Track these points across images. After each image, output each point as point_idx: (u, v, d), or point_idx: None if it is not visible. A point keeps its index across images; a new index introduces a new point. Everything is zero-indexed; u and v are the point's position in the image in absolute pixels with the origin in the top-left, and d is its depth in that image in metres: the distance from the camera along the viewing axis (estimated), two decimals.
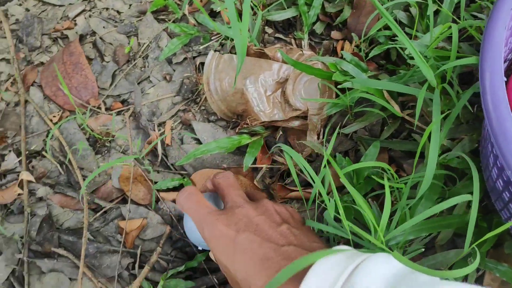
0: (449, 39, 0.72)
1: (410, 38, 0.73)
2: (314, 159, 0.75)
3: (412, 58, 0.69)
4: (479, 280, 0.59)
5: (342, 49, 0.82)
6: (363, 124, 0.72)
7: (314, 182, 0.57)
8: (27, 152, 0.85)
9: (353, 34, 0.81)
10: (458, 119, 0.66)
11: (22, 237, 0.76)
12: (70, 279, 0.73)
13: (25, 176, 0.81)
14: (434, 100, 0.51)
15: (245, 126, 0.77)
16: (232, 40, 0.87)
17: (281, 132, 0.79)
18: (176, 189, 0.78)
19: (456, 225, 0.57)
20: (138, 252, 0.73)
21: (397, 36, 0.71)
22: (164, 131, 0.83)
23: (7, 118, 0.90)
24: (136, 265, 0.72)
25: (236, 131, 0.79)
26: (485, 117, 0.42)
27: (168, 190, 0.78)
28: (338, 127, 0.71)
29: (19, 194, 0.80)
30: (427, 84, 0.54)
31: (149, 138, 0.82)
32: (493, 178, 0.53)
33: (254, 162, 0.77)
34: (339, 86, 0.68)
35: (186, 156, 0.76)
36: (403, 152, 0.71)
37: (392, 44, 0.74)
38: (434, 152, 0.49)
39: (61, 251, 0.74)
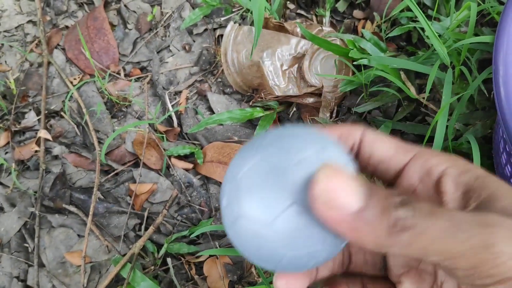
0: None
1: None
2: None
3: None
4: None
5: (363, 28, 0.81)
6: (377, 104, 0.72)
7: None
8: (46, 111, 0.87)
9: (375, 13, 0.80)
10: (474, 105, 0.65)
11: (35, 192, 0.78)
12: (78, 235, 0.75)
13: (43, 134, 0.83)
14: (446, 78, 0.51)
15: (259, 99, 0.77)
16: (252, 13, 0.86)
17: (294, 109, 0.79)
18: (187, 157, 0.79)
19: None
20: (146, 214, 0.75)
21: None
22: (180, 100, 0.84)
23: (30, 78, 0.92)
24: (143, 227, 0.74)
25: (250, 104, 0.79)
26: (495, 94, 0.41)
27: (179, 157, 0.79)
28: (352, 106, 0.71)
29: (36, 151, 0.83)
30: (439, 61, 0.53)
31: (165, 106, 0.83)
32: (502, 165, 0.52)
33: None
34: (355, 63, 0.67)
35: (198, 124, 0.77)
36: (416, 136, 0.70)
37: (413, 24, 0.73)
38: (441, 127, 0.48)
39: (71, 208, 0.76)
